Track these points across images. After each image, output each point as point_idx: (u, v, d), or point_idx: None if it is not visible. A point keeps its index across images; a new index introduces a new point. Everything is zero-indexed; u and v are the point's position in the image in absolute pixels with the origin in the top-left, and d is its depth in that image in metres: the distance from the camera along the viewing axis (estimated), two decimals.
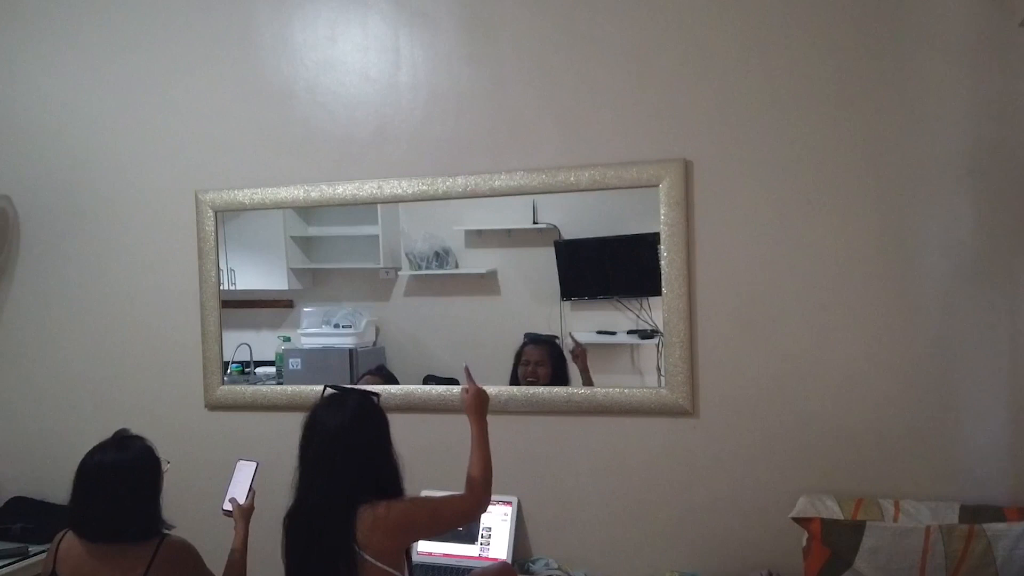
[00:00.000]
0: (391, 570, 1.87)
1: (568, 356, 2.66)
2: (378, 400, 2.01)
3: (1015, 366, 2.17)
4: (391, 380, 2.76)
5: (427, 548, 2.52)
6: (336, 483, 1.87)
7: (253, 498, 2.22)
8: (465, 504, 2.00)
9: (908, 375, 2.24)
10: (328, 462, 1.89)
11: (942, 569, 1.90)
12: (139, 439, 2.05)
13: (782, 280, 2.33)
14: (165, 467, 2.05)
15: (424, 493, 2.31)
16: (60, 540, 2.01)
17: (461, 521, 2.11)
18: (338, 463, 1.88)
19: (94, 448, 2.00)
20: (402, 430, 2.00)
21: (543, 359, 2.68)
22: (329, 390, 2.02)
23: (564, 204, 2.64)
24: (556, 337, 2.69)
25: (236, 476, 2.26)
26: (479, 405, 2.12)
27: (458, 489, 2.03)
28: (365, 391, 2.05)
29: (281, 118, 2.75)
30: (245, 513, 2.19)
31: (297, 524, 1.93)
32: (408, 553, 2.00)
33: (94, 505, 1.94)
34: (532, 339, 2.72)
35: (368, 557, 1.84)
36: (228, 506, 2.21)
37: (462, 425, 2.56)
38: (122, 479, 1.95)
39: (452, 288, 2.88)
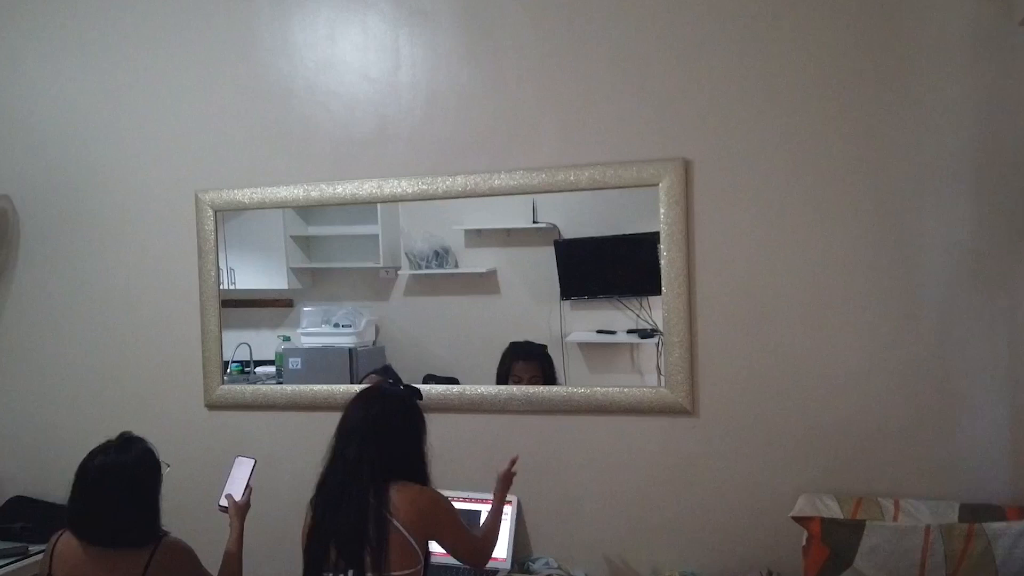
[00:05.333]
0: (415, 546, 1.89)
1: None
2: (420, 399, 2.09)
3: (1015, 365, 2.17)
4: (396, 380, 2.75)
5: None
6: (367, 456, 1.91)
7: (250, 495, 2.21)
8: (476, 545, 2.06)
9: (908, 374, 2.24)
10: (363, 440, 1.93)
11: (942, 568, 1.90)
12: (140, 441, 2.02)
13: (782, 279, 2.33)
14: (165, 470, 2.03)
15: None
16: (56, 541, 1.98)
17: (469, 554, 2.06)
18: (373, 441, 1.93)
19: (95, 449, 1.99)
20: None
21: (536, 374, 2.62)
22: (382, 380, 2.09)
23: (564, 203, 2.64)
24: (544, 346, 2.66)
25: (234, 472, 2.25)
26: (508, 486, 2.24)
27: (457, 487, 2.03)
28: (412, 388, 2.12)
29: (281, 118, 2.75)
30: (241, 510, 2.18)
31: (328, 492, 1.93)
32: (427, 551, 1.99)
33: (92, 507, 1.93)
34: (521, 353, 2.64)
35: (397, 524, 1.86)
36: (224, 502, 2.19)
37: (461, 425, 2.58)
38: (120, 482, 1.93)
39: (452, 287, 2.88)
